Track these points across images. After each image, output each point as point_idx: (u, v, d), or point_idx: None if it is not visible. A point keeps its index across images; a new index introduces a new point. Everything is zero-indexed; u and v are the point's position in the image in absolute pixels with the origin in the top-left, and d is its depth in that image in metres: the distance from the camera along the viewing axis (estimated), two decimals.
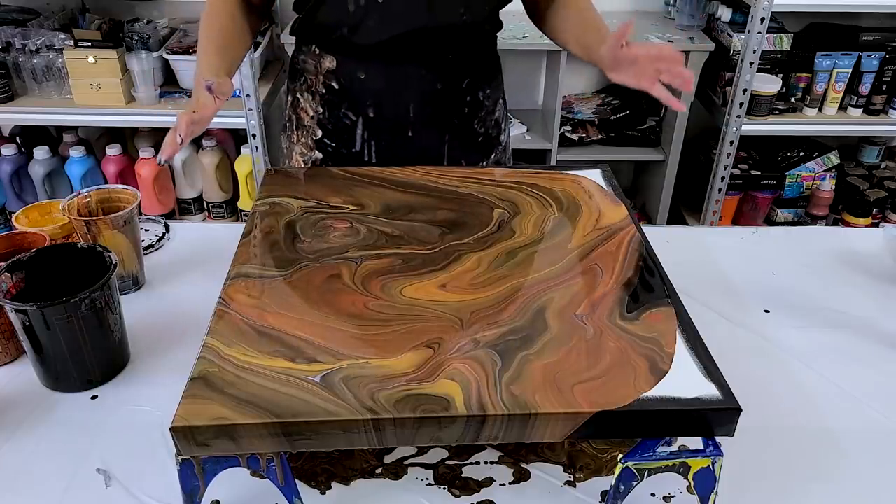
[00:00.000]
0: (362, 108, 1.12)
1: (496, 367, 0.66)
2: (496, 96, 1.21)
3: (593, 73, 2.57)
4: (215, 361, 0.66)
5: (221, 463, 0.65)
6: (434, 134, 1.15)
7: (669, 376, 0.66)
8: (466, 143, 1.19)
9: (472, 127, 1.18)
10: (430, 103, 1.12)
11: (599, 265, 0.82)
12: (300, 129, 1.19)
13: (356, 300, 0.75)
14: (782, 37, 2.17)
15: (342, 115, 1.14)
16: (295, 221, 0.89)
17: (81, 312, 0.81)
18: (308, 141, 1.18)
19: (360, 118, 1.13)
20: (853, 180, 2.45)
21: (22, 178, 2.29)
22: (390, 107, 1.12)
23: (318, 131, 1.16)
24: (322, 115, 1.15)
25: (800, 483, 0.76)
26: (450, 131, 1.16)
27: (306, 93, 1.16)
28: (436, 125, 1.14)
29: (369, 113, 1.12)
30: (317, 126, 1.16)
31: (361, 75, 1.10)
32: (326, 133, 1.16)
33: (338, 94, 1.13)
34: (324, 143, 1.17)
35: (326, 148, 1.17)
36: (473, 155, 1.21)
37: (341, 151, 1.16)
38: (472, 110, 1.17)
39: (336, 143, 1.16)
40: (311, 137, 1.17)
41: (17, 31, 2.09)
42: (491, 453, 0.79)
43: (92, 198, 1.02)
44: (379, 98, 1.11)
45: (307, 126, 1.17)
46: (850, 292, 1.06)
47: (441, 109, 1.13)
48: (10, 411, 0.83)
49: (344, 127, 1.14)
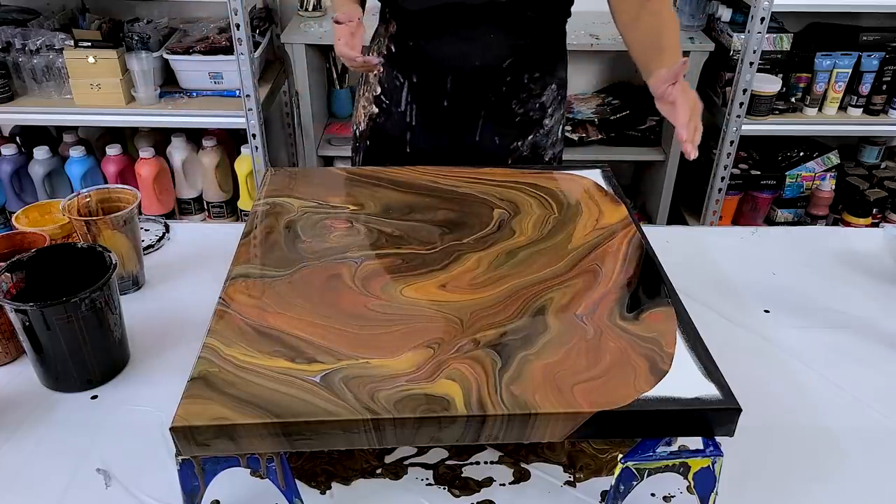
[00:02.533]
0: (408, 73, 1.20)
1: (496, 367, 0.66)
2: (548, 82, 1.23)
3: (593, 73, 2.57)
4: (215, 361, 0.66)
5: (221, 463, 0.65)
6: (469, 108, 1.20)
7: (669, 376, 0.66)
8: (502, 121, 1.22)
9: (510, 106, 1.21)
10: (465, 77, 1.16)
11: (599, 265, 0.82)
12: (366, 84, 1.29)
13: (356, 300, 0.75)
14: (782, 37, 2.17)
15: (394, 77, 1.23)
16: (295, 221, 0.89)
17: (81, 312, 0.81)
18: (369, 95, 1.28)
19: (406, 81, 1.21)
20: (853, 180, 2.44)
21: (22, 178, 2.29)
22: (430, 76, 1.18)
23: (378, 88, 1.26)
24: (382, 73, 1.25)
25: (800, 483, 0.76)
26: (485, 108, 1.20)
27: (374, 52, 1.26)
28: (471, 100, 1.19)
29: (413, 78, 1.20)
30: (377, 83, 1.26)
31: (411, 43, 1.17)
32: (383, 91, 1.25)
33: (394, 57, 1.21)
34: (380, 100, 1.26)
35: (382, 104, 1.26)
36: (508, 134, 1.24)
37: (392, 109, 1.25)
38: (512, 90, 1.19)
39: (389, 101, 1.25)
40: (372, 93, 1.27)
41: (17, 31, 2.09)
42: (491, 453, 0.79)
43: (92, 198, 1.02)
44: (421, 66, 1.18)
45: (371, 83, 1.28)
46: (850, 292, 1.06)
47: (477, 86, 1.18)
48: (10, 411, 0.83)
49: (395, 87, 1.23)
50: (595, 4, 1.27)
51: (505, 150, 1.24)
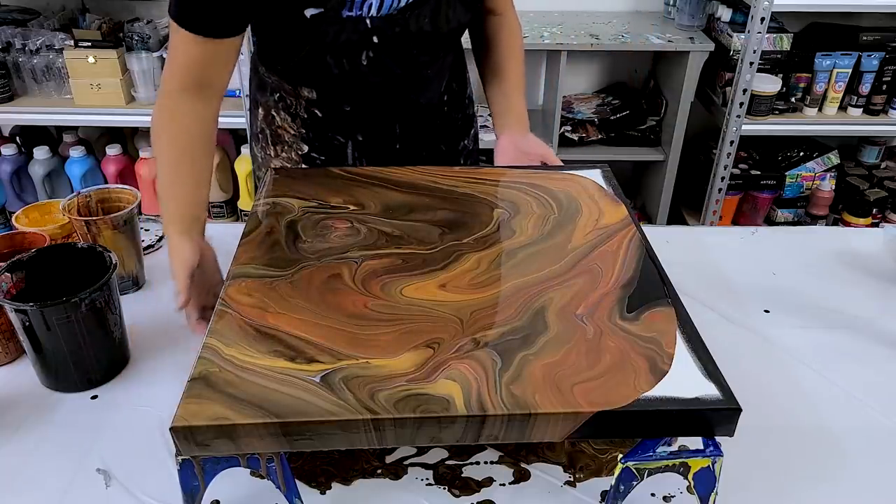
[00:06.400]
0: (350, 134, 1.13)
1: (496, 366, 0.66)
2: (465, 75, 1.23)
3: (593, 73, 2.58)
4: (215, 361, 0.66)
5: (221, 463, 0.65)
6: (420, 138, 1.17)
7: (669, 376, 0.66)
8: (448, 132, 1.21)
9: (452, 116, 1.21)
10: (414, 118, 1.14)
11: (599, 265, 0.82)
12: (280, 143, 1.15)
13: (356, 300, 0.75)
14: (782, 37, 2.17)
15: (330, 137, 1.13)
16: (296, 221, 0.89)
17: (81, 312, 0.81)
18: (292, 155, 1.15)
19: (349, 141, 1.14)
20: (853, 180, 2.45)
21: (22, 178, 2.29)
22: (378, 130, 1.13)
23: (304, 146, 1.14)
24: (306, 134, 1.13)
25: (800, 483, 0.76)
26: (434, 131, 1.19)
27: (283, 112, 1.12)
28: (421, 132, 1.17)
29: (358, 137, 1.13)
30: (301, 142, 1.13)
31: (347, 108, 1.10)
32: (314, 149, 1.14)
33: (322, 121, 1.11)
34: (311, 157, 1.15)
35: (315, 161, 1.15)
36: (454, 139, 1.23)
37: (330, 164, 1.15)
38: (451, 103, 1.19)
39: (326, 157, 1.15)
40: (297, 152, 1.15)
41: (17, 31, 2.09)
42: (491, 453, 0.79)
43: (92, 198, 1.02)
44: (366, 125, 1.12)
45: (288, 142, 1.14)
46: (850, 292, 1.06)
47: (425, 118, 1.16)
48: (10, 411, 0.83)
49: (333, 146, 1.14)
50: (595, 4, 1.27)
51: (454, 152, 1.24)
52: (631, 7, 2.47)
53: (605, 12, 2.42)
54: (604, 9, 2.44)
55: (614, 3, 2.44)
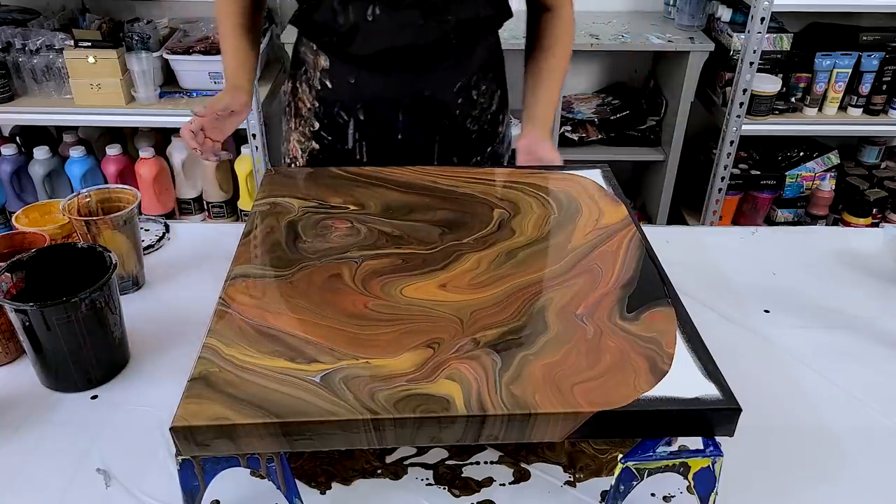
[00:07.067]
0: (353, 111, 1.15)
1: (496, 366, 0.66)
2: (493, 90, 1.21)
3: (593, 73, 2.58)
4: (215, 361, 0.66)
5: (221, 463, 0.65)
6: (423, 136, 1.17)
7: (669, 376, 0.66)
8: (458, 142, 1.20)
9: (465, 126, 1.19)
10: (418, 109, 1.14)
11: (599, 265, 0.82)
12: (298, 117, 1.21)
13: (356, 300, 0.75)
14: (782, 37, 2.17)
15: (335, 114, 1.16)
16: (296, 221, 0.89)
17: (81, 312, 0.81)
18: (305, 131, 1.20)
19: (351, 119, 1.15)
20: (853, 180, 2.44)
21: (22, 178, 2.28)
22: (379, 112, 1.14)
23: (316, 123, 1.18)
24: (318, 109, 1.17)
25: (800, 483, 0.76)
26: (440, 132, 1.17)
27: (304, 84, 1.18)
28: (425, 128, 1.16)
29: (360, 115, 1.15)
30: (314, 118, 1.18)
31: (352, 80, 1.12)
32: (323, 127, 1.18)
33: (331, 92, 1.15)
34: (321, 136, 1.19)
35: (323, 140, 1.19)
36: (466, 152, 1.22)
37: (336, 146, 1.19)
38: (465, 111, 1.17)
39: (332, 137, 1.18)
40: (309, 128, 1.20)
41: (17, 31, 2.09)
42: (491, 453, 0.79)
43: (92, 198, 1.02)
44: (368, 103, 1.13)
45: (305, 116, 1.20)
46: (850, 292, 1.06)
47: (430, 114, 1.15)
48: (10, 411, 0.83)
49: (337, 124, 1.17)
50: (595, 4, 1.27)
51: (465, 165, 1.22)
52: (631, 7, 2.47)
53: (605, 12, 2.42)
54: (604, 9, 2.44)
55: (614, 3, 2.44)
